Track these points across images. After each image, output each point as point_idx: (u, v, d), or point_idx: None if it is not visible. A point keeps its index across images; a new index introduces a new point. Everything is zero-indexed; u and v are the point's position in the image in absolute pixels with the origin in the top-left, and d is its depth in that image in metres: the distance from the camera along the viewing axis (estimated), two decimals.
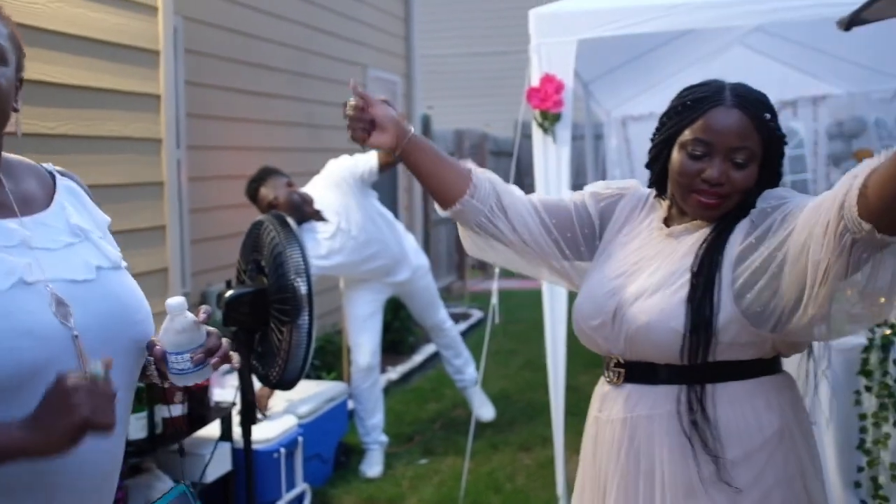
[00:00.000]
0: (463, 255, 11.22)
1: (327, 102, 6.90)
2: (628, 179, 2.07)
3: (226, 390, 4.15)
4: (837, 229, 1.46)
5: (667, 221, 1.84)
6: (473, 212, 1.86)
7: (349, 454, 5.05)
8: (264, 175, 4.68)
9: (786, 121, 12.28)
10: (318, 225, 4.67)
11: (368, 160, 4.80)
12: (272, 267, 3.12)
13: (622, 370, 1.78)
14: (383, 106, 1.84)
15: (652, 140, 1.86)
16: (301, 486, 4.37)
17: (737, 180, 1.70)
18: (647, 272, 1.77)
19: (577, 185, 8.30)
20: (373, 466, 4.90)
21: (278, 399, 4.52)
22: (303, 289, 3.09)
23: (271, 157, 5.71)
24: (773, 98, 7.52)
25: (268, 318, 3.19)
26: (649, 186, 1.93)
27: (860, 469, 4.03)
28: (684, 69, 9.81)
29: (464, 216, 1.88)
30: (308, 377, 5.54)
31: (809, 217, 1.55)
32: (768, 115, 1.73)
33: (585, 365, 5.69)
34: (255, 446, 3.83)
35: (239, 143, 6.02)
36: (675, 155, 1.75)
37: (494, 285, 4.65)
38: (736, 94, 1.72)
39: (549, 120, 4.09)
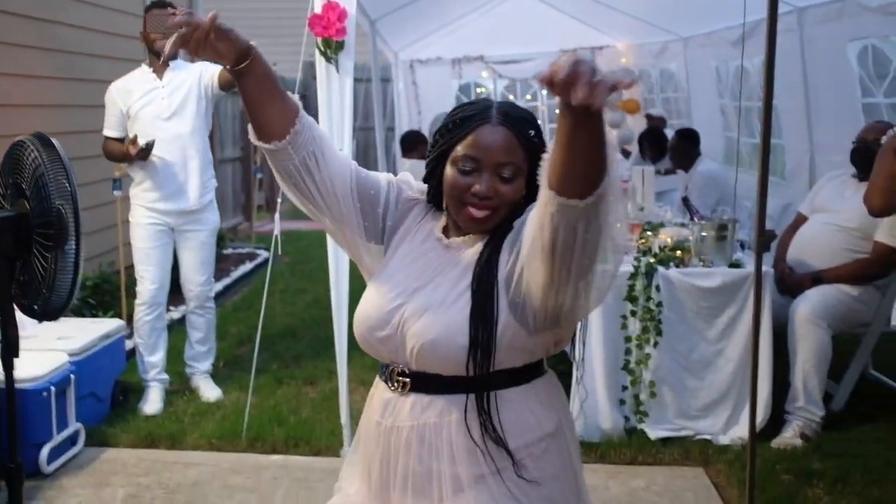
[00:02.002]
0: (249, 196, 11.01)
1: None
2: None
3: None
4: (541, 205, 1.56)
5: (445, 231, 1.89)
6: (285, 156, 1.80)
7: (127, 393, 4.89)
8: None
9: None
10: None
11: (213, 70, 4.69)
12: (34, 190, 2.93)
13: (407, 380, 1.82)
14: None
15: (427, 156, 1.90)
16: (74, 425, 4.19)
17: (504, 193, 1.77)
18: (431, 286, 1.81)
19: (365, 127, 8.37)
20: (152, 404, 4.76)
21: (50, 338, 4.30)
22: (69, 213, 2.93)
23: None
24: (555, 47, 7.86)
25: (30, 244, 3.00)
26: (427, 202, 1.95)
27: (624, 388, 4.32)
28: (470, 13, 9.99)
29: (276, 156, 1.81)
30: (83, 316, 5.32)
31: (529, 209, 1.67)
32: (532, 132, 1.80)
33: None
34: (20, 385, 3.64)
35: None
36: (448, 170, 1.81)
37: (276, 227, 4.61)
38: (502, 112, 1.79)
39: (333, 48, 4.05)
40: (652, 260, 4.30)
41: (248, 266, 8.59)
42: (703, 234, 4.33)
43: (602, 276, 1.63)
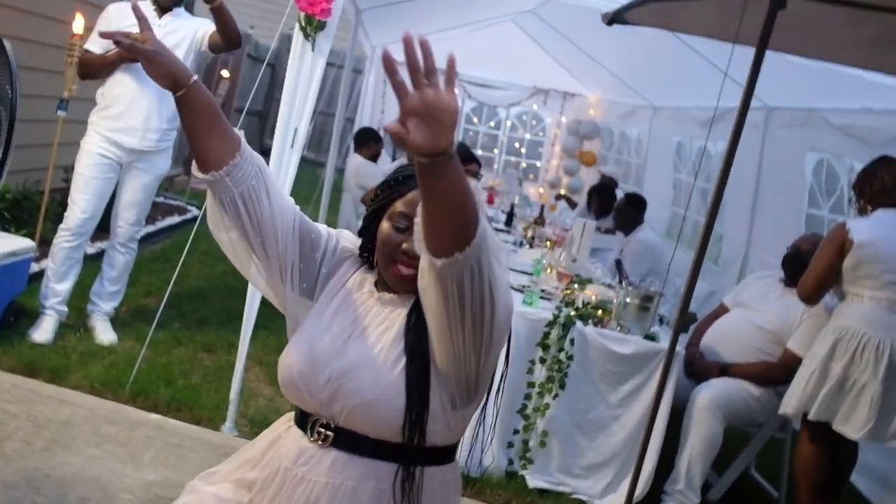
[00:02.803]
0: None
1: None
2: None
3: None
4: (425, 272, 1.55)
5: (377, 285, 1.87)
6: (223, 188, 1.74)
7: (20, 316, 4.72)
8: None
9: (537, 107, 12.86)
10: None
11: (208, 29, 4.78)
12: None
13: (330, 434, 1.75)
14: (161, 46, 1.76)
15: (368, 207, 1.90)
16: None
17: None
18: (365, 342, 1.77)
19: (325, 112, 8.28)
20: (43, 333, 4.62)
21: None
22: (3, 120, 2.83)
23: None
24: (529, 83, 7.93)
25: None
26: (360, 254, 1.93)
27: (516, 431, 4.32)
28: (453, 29, 10.00)
29: (214, 187, 1.75)
30: None
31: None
32: None
33: None
34: None
35: None
36: (383, 225, 1.81)
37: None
38: None
39: (314, 27, 3.99)
40: (573, 313, 4.32)
41: (175, 219, 8.43)
42: (628, 300, 4.37)
43: (495, 330, 1.61)
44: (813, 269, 4.13)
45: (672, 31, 4.01)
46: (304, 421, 1.79)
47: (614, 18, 3.67)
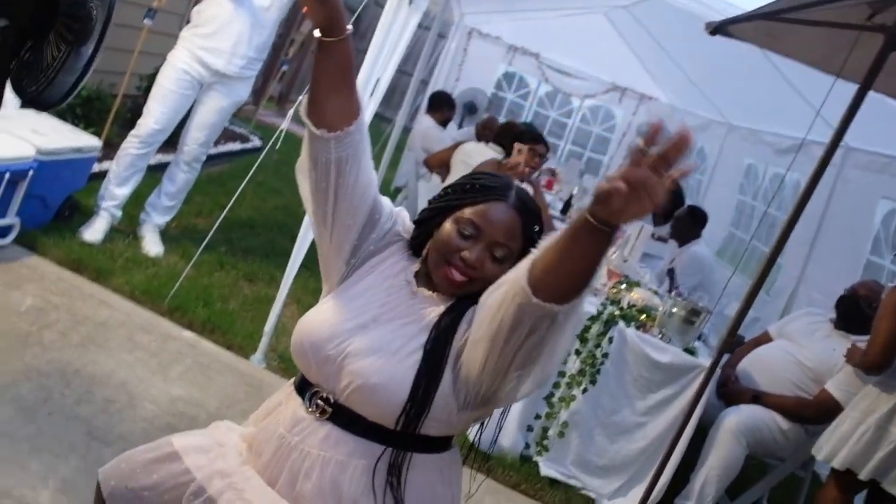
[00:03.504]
0: (266, 83, 10.85)
1: None
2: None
3: None
4: (510, 294, 1.55)
5: (417, 277, 1.85)
6: (324, 148, 1.71)
7: (75, 212, 4.78)
8: None
9: (610, 103, 12.74)
10: None
11: None
12: None
13: (329, 409, 1.75)
14: None
15: (429, 203, 1.88)
16: (13, 219, 4.09)
17: (489, 271, 1.76)
18: (386, 328, 1.76)
19: (401, 70, 8.22)
20: (94, 232, 4.66)
21: (24, 127, 4.18)
22: (99, 17, 2.82)
23: None
24: (608, 79, 7.81)
25: (49, 29, 2.90)
26: (408, 243, 1.91)
27: (538, 416, 4.30)
28: (544, 11, 9.91)
29: (316, 143, 1.72)
30: (65, 121, 5.21)
31: (490, 290, 1.65)
32: (537, 228, 1.82)
33: None
34: None
35: None
36: (447, 226, 1.80)
37: (286, 121, 4.59)
38: (520, 198, 1.81)
39: None
40: (617, 312, 4.28)
41: (236, 146, 8.48)
42: (674, 310, 4.32)
43: (542, 371, 1.63)
44: (878, 335, 3.92)
45: (774, 52, 3.92)
46: (305, 390, 1.79)
47: (719, 29, 3.60)
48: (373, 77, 4.02)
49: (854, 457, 3.85)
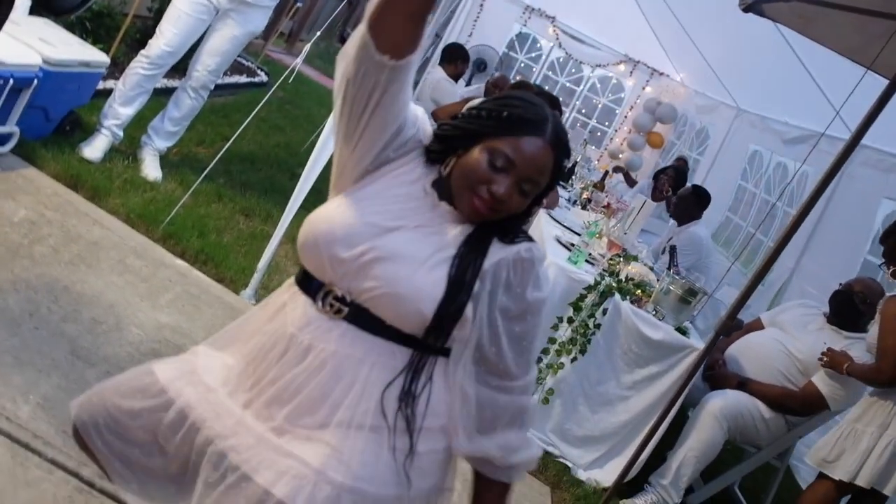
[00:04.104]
0: (278, 18, 10.70)
1: None
2: None
3: None
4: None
5: (435, 187, 1.77)
6: (378, 71, 1.61)
7: (76, 128, 4.70)
8: None
9: (620, 75, 12.63)
10: None
11: None
12: None
13: (345, 309, 1.67)
14: None
15: (459, 118, 1.79)
16: (12, 127, 4.01)
17: (513, 204, 1.73)
18: (409, 235, 1.70)
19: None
20: (94, 150, 4.58)
21: (32, 35, 4.08)
22: None
23: None
24: (622, 50, 7.84)
25: None
26: (427, 154, 1.81)
27: None
28: None
29: (369, 64, 1.61)
30: (73, 34, 5.10)
31: None
32: (565, 165, 1.79)
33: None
34: None
35: None
36: (477, 153, 1.71)
37: (299, 59, 4.52)
38: (555, 133, 1.73)
39: None
40: (614, 284, 4.25)
41: (242, 79, 8.36)
42: (671, 287, 4.29)
43: None
44: (889, 351, 3.88)
45: (805, 35, 3.84)
46: (312, 288, 1.72)
47: (752, 7, 3.52)
48: None
49: (878, 475, 3.85)
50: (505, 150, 1.69)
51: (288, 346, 1.70)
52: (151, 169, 4.82)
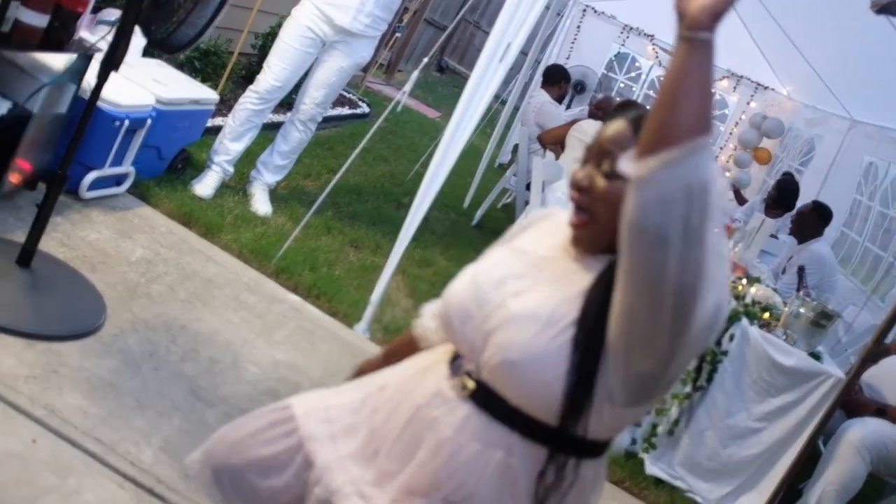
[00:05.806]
0: (377, 53, 10.76)
1: None
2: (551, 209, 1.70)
3: (95, 37, 3.71)
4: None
5: (574, 240, 1.52)
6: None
7: (187, 165, 4.74)
8: None
9: (723, 91, 12.31)
10: None
11: None
12: None
13: (472, 385, 1.45)
14: None
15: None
16: (128, 167, 4.05)
17: (600, 188, 1.44)
18: (538, 293, 1.44)
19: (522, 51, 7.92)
20: (205, 187, 4.61)
21: (145, 76, 4.13)
22: None
23: None
24: (724, 65, 7.54)
25: None
26: None
27: (648, 411, 4.09)
28: None
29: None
30: (184, 72, 5.18)
31: None
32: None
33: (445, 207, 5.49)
34: (100, 104, 3.50)
35: None
36: None
37: (407, 89, 4.48)
38: (638, 114, 1.47)
39: None
40: (741, 308, 4.04)
41: (345, 111, 8.40)
42: (801, 310, 4.06)
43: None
44: None
45: None
46: (454, 361, 1.53)
47: (886, 8, 3.30)
48: (504, 41, 3.85)
49: None
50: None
51: (410, 419, 1.51)
52: (261, 204, 4.83)
